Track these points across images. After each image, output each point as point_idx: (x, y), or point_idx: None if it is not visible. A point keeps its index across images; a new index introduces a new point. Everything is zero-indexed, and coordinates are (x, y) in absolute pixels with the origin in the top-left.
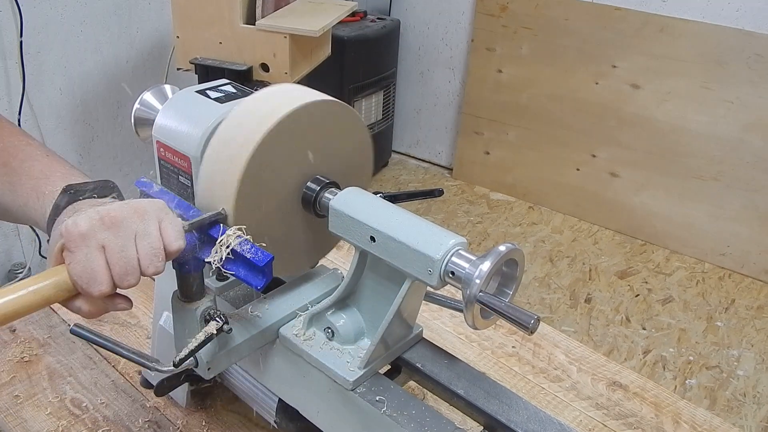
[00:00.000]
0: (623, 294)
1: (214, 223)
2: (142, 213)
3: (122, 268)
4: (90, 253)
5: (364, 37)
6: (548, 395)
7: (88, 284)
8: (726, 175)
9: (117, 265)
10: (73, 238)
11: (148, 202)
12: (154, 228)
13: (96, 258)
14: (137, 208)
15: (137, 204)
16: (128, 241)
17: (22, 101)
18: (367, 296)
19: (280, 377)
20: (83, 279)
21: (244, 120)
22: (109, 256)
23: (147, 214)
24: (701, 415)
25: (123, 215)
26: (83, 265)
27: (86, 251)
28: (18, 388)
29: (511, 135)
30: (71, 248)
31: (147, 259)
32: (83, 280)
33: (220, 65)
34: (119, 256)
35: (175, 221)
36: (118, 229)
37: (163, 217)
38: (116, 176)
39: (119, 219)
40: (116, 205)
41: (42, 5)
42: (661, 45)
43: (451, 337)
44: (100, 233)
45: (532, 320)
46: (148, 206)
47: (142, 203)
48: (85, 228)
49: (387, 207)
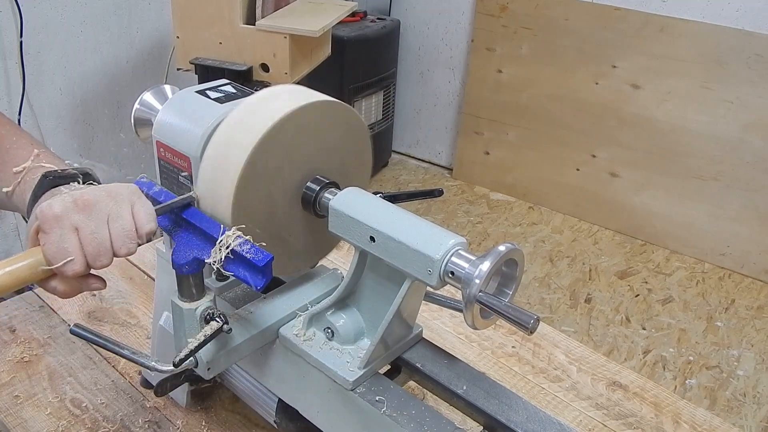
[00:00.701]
0: (623, 294)
1: (186, 206)
2: (115, 196)
3: (95, 249)
4: (63, 234)
5: (364, 37)
6: (548, 395)
7: (62, 264)
8: (726, 175)
9: (90, 246)
10: (47, 219)
11: (122, 186)
12: (127, 211)
13: (69, 239)
14: (110, 191)
15: (111, 188)
16: (101, 223)
17: (22, 101)
18: (367, 296)
19: (280, 377)
20: (57, 259)
21: (244, 120)
22: (82, 237)
23: (120, 197)
24: (701, 415)
25: (96, 198)
26: (57, 246)
27: (60, 232)
28: (18, 388)
29: (511, 135)
30: (45, 229)
31: (119, 240)
32: (57, 260)
33: (220, 65)
34: (92, 237)
35: (146, 204)
36: (90, 211)
37: (136, 200)
38: (116, 176)
39: (92, 202)
40: (90, 189)
41: (42, 5)
42: (661, 45)
43: (451, 337)
44: (73, 215)
45: (531, 320)
46: (121, 190)
47: (116, 187)
48: (59, 210)
49: (387, 207)
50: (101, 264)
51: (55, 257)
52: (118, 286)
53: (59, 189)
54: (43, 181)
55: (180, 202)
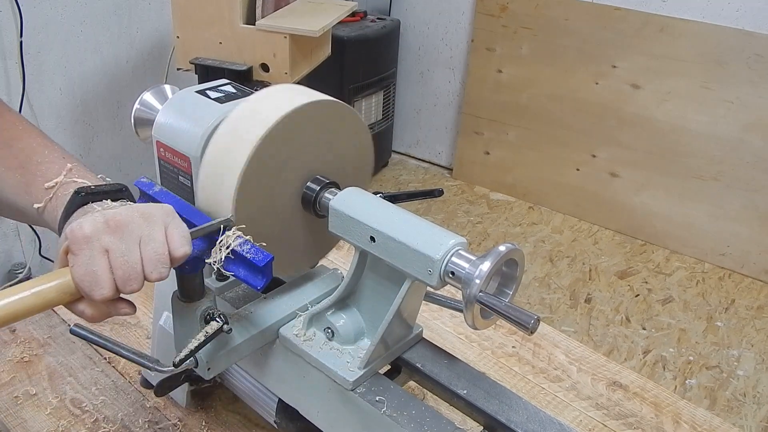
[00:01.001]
0: (623, 294)
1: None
2: (148, 217)
3: (125, 273)
4: (93, 257)
5: (364, 37)
6: (548, 395)
7: (90, 288)
8: (726, 175)
9: (120, 270)
10: (77, 240)
11: (156, 206)
12: (160, 233)
13: (99, 261)
14: (143, 212)
15: (144, 208)
16: (132, 246)
17: (22, 101)
18: (367, 296)
19: (280, 377)
20: (85, 282)
21: (245, 120)
22: (113, 260)
23: (153, 219)
24: (701, 415)
25: (128, 219)
26: (86, 269)
27: (89, 254)
28: (18, 388)
29: (511, 135)
30: (75, 251)
31: (151, 264)
32: (85, 283)
33: (220, 65)
34: (122, 261)
35: (181, 226)
36: (122, 233)
37: (170, 222)
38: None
39: (124, 223)
40: (123, 209)
41: (42, 5)
42: (661, 45)
43: (451, 337)
44: (103, 236)
45: (532, 320)
46: (155, 211)
47: (150, 207)
48: (89, 231)
49: (387, 207)
50: (131, 289)
51: (84, 281)
52: None
53: (91, 206)
54: (75, 198)
55: (216, 225)
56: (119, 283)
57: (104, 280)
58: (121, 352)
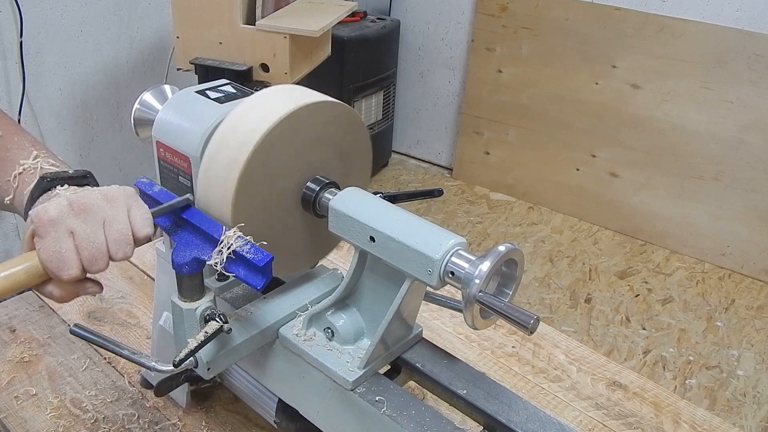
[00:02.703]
0: (623, 294)
1: (183, 209)
2: (111, 200)
3: (90, 254)
4: (59, 239)
5: (364, 37)
6: (548, 395)
7: (57, 269)
8: (726, 175)
9: (86, 250)
10: (42, 223)
11: (118, 189)
12: (123, 214)
13: (65, 243)
14: (106, 194)
15: (107, 191)
16: (97, 227)
17: (22, 101)
18: (366, 296)
19: (280, 377)
20: (53, 264)
21: (244, 120)
22: (78, 241)
23: (116, 201)
24: (701, 415)
25: (92, 202)
26: (53, 250)
27: (55, 236)
28: (18, 388)
29: (511, 135)
30: (41, 234)
31: (115, 244)
32: (53, 264)
33: (220, 65)
34: (87, 242)
35: (143, 208)
36: (86, 215)
37: (132, 204)
38: (116, 176)
39: (88, 205)
40: (86, 191)
41: (42, 5)
42: (661, 45)
43: (451, 337)
44: (68, 219)
45: (531, 320)
46: (118, 193)
47: (112, 190)
48: (54, 214)
49: (387, 207)
50: (97, 268)
51: (51, 262)
52: (118, 286)
53: (56, 191)
54: (40, 183)
55: (176, 205)
56: (86, 263)
57: (71, 261)
58: (121, 352)
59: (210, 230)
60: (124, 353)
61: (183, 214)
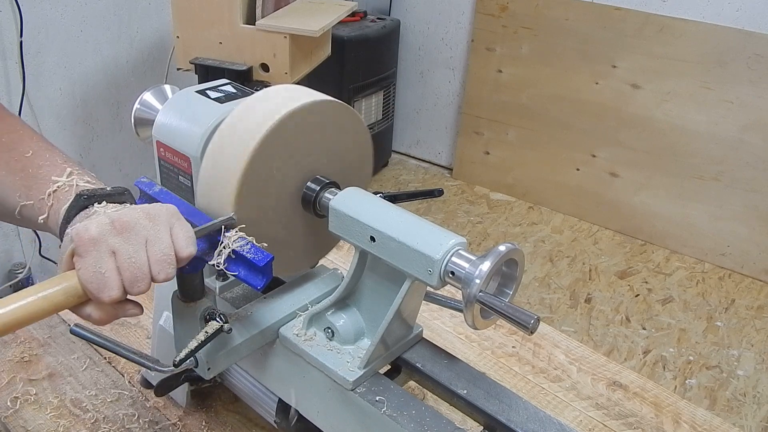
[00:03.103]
0: (623, 294)
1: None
2: (154, 218)
3: (132, 274)
4: (100, 259)
5: (364, 37)
6: (548, 395)
7: (98, 290)
8: (726, 175)
9: (128, 271)
10: (83, 242)
11: (160, 207)
12: (166, 234)
13: (106, 263)
14: (149, 213)
15: (149, 209)
16: (139, 247)
17: (22, 101)
18: (367, 296)
19: (280, 377)
20: (93, 285)
21: (244, 120)
22: (120, 261)
23: (158, 220)
24: (701, 415)
25: (134, 220)
26: (93, 271)
27: (96, 256)
28: (18, 388)
29: (511, 135)
30: (81, 253)
31: (158, 265)
32: (93, 285)
33: (220, 65)
34: (129, 262)
35: (186, 227)
36: (129, 234)
37: (175, 223)
38: (116, 176)
39: (130, 224)
40: (128, 210)
41: (42, 5)
42: (661, 45)
43: (451, 337)
44: (110, 238)
45: (532, 320)
46: (160, 211)
47: (154, 208)
48: (96, 233)
49: (387, 207)
50: (139, 290)
51: (91, 282)
52: None
53: (94, 209)
54: (77, 201)
55: (219, 224)
56: (127, 284)
57: (112, 282)
58: (121, 352)
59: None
60: (124, 353)
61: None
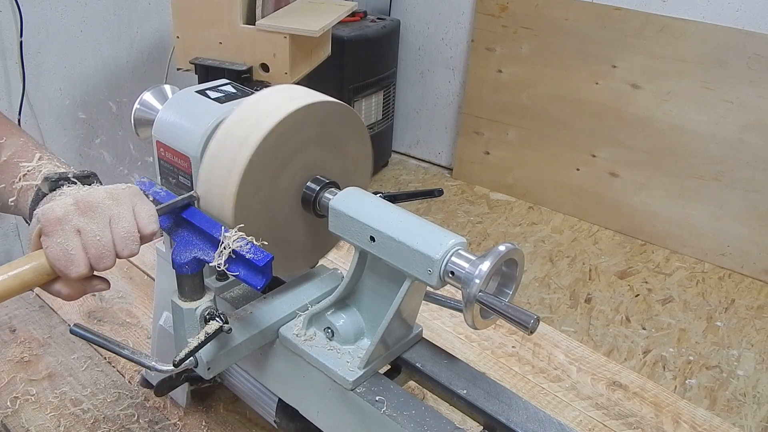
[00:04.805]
0: (623, 294)
1: (187, 206)
2: (116, 197)
3: (98, 251)
4: (66, 237)
5: (364, 37)
6: (548, 395)
7: (65, 267)
8: (726, 175)
9: (93, 248)
10: (49, 222)
11: (123, 187)
12: (128, 212)
13: (72, 241)
14: (111, 192)
15: (112, 189)
16: (103, 225)
17: (22, 101)
18: (367, 296)
19: (280, 377)
20: (61, 262)
21: (244, 120)
22: (85, 239)
23: (121, 199)
24: (701, 415)
25: (97, 200)
26: (60, 249)
27: (62, 235)
28: (18, 388)
29: (511, 135)
30: (48, 232)
31: (122, 242)
32: (61, 263)
33: (220, 65)
34: (94, 240)
35: (148, 205)
36: (93, 213)
37: (137, 201)
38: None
39: (94, 204)
40: (91, 190)
41: (42, 5)
42: (661, 45)
43: (451, 337)
44: (75, 218)
45: (531, 320)
46: (123, 191)
47: (117, 188)
48: (61, 213)
49: (387, 207)
50: (104, 266)
51: (59, 260)
52: (118, 286)
53: (61, 191)
54: (44, 184)
55: (181, 202)
56: (93, 261)
57: (79, 259)
58: (121, 352)
59: (210, 230)
60: (124, 353)
61: (183, 214)
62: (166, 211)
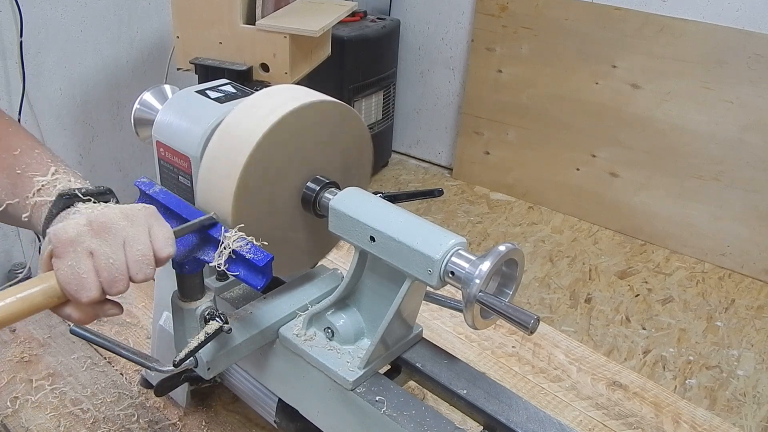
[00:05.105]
0: (623, 294)
1: (207, 227)
2: (132, 218)
3: (110, 275)
4: (78, 260)
5: (364, 37)
6: (548, 395)
7: (76, 291)
8: (726, 175)
9: (105, 272)
10: (61, 243)
11: (139, 207)
12: (144, 234)
13: (84, 264)
14: (127, 213)
15: (127, 209)
16: (117, 248)
17: (22, 101)
18: (367, 296)
19: (280, 377)
20: (71, 285)
21: (244, 120)
22: (97, 262)
23: (136, 220)
24: (701, 415)
25: (112, 221)
26: (71, 272)
27: (74, 257)
28: (18, 388)
29: (511, 135)
30: (59, 254)
31: (136, 266)
32: (71, 286)
33: (220, 65)
34: (107, 263)
35: (165, 227)
36: (106, 234)
37: (153, 223)
38: (116, 176)
39: (108, 225)
40: (106, 210)
41: (42, 5)
42: (661, 45)
43: (451, 337)
44: (87, 239)
45: (531, 320)
46: (138, 212)
47: (133, 209)
48: (73, 234)
49: (387, 207)
50: (117, 290)
51: (69, 283)
52: None
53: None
54: (58, 201)
55: (199, 224)
56: (105, 285)
57: (90, 283)
58: (121, 352)
59: (210, 230)
60: (124, 353)
61: (183, 214)
62: (184, 233)
